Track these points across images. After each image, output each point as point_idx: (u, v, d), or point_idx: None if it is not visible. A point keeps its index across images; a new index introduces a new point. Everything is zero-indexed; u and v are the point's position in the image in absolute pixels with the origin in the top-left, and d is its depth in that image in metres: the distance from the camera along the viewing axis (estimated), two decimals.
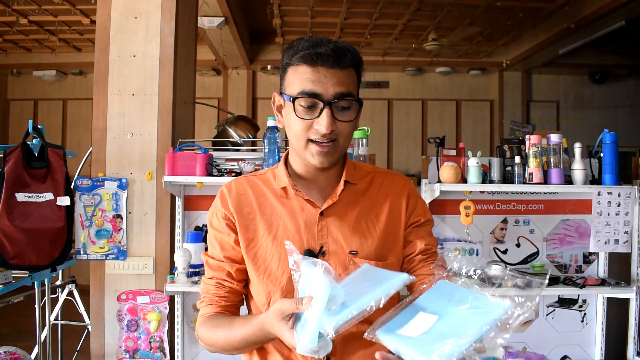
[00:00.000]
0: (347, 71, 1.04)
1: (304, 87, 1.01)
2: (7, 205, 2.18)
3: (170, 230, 2.63)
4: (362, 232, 1.10)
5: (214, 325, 1.10)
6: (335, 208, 1.11)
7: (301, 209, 1.11)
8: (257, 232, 1.11)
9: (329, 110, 1.01)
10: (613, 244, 2.49)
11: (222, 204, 1.14)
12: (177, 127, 2.70)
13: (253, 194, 1.14)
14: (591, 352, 2.73)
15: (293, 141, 1.08)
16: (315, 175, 1.13)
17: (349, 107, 1.04)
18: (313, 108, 1.02)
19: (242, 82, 7.25)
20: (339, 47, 1.02)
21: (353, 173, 1.15)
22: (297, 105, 1.03)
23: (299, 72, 1.03)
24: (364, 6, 5.36)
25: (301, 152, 1.08)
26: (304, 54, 1.02)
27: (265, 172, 1.19)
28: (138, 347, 2.57)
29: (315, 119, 1.02)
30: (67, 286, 3.19)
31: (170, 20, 2.67)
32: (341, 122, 1.04)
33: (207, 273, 1.18)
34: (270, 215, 1.12)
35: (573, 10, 5.16)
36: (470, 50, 6.65)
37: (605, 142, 2.49)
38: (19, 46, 6.59)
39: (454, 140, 7.04)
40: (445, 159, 2.50)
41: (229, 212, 1.13)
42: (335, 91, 1.01)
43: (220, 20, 4.96)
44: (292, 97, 1.03)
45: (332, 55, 1.01)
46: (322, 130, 1.01)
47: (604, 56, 6.87)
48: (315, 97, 1.01)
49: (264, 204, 1.13)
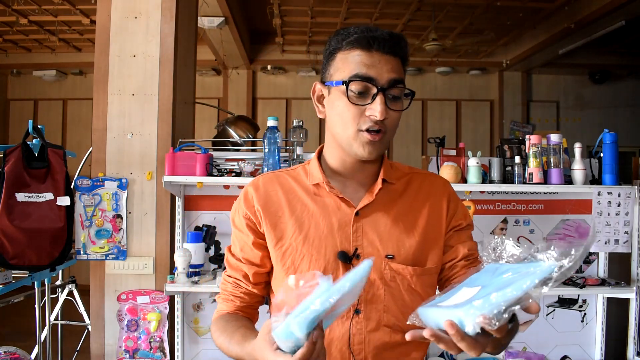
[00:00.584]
0: (399, 61, 0.99)
1: (358, 70, 0.96)
2: (7, 205, 2.18)
3: (170, 230, 2.63)
4: (400, 235, 1.04)
5: (220, 329, 1.06)
6: (371, 208, 1.05)
7: (336, 207, 1.05)
8: (286, 232, 1.05)
9: (383, 96, 0.96)
10: (613, 244, 2.49)
11: (245, 202, 1.09)
12: (177, 127, 2.70)
13: (282, 190, 1.09)
14: (591, 352, 2.73)
15: (339, 130, 1.00)
16: (353, 171, 1.07)
17: (399, 97, 1.00)
18: (365, 95, 0.97)
19: (242, 82, 7.25)
20: (394, 33, 0.98)
21: (391, 172, 1.10)
22: (349, 90, 0.96)
23: (352, 55, 0.97)
24: (364, 6, 5.36)
25: (348, 143, 1.00)
26: (359, 37, 0.97)
27: (296, 168, 1.13)
28: (138, 347, 2.57)
29: (367, 106, 0.96)
30: (67, 286, 3.19)
31: (170, 20, 2.67)
32: (393, 110, 0.98)
33: (227, 270, 1.15)
34: (301, 214, 1.05)
35: (573, 10, 5.16)
36: (470, 50, 6.65)
37: (605, 142, 2.49)
38: (19, 46, 6.59)
39: (454, 140, 7.04)
40: (445, 159, 2.50)
41: (252, 211, 1.08)
42: (390, 77, 0.96)
43: (220, 20, 4.96)
44: (344, 80, 0.96)
45: (389, 41, 0.96)
46: (375, 117, 0.95)
47: (604, 56, 6.87)
48: (369, 82, 0.95)
49: (293, 202, 1.07)
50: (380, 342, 0.99)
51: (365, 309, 1.01)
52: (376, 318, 1.01)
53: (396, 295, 1.02)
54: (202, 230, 2.64)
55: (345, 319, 1.01)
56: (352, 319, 1.01)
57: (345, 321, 1.01)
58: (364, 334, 1.00)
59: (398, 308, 1.01)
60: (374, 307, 1.01)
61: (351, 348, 1.00)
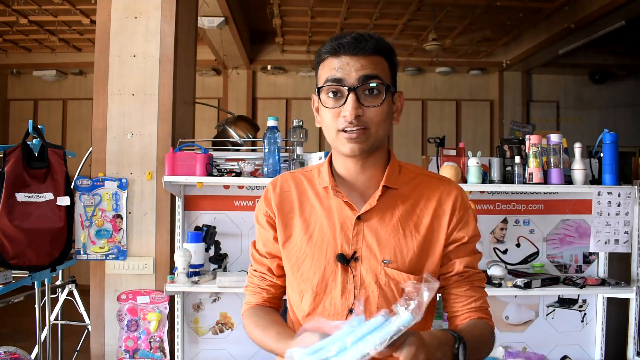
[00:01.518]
0: (373, 57, 1.02)
1: (328, 75, 1.02)
2: (7, 205, 2.18)
3: (170, 230, 2.63)
4: (399, 241, 1.06)
5: (253, 323, 1.13)
6: (373, 213, 1.07)
7: (340, 211, 1.08)
8: (294, 231, 1.11)
9: (354, 95, 1.00)
10: (613, 244, 2.49)
11: (265, 201, 1.16)
12: (177, 127, 2.70)
13: (296, 191, 1.14)
14: (591, 352, 2.73)
15: (327, 134, 1.07)
16: (355, 174, 1.10)
17: (377, 92, 1.02)
18: (339, 96, 1.02)
19: (242, 82, 7.25)
20: (361, 34, 1.03)
21: (396, 177, 1.10)
22: (324, 95, 1.03)
23: (325, 64, 1.05)
24: (364, 6, 5.36)
25: (334, 144, 1.06)
26: (328, 47, 1.04)
27: (312, 169, 1.17)
28: (138, 347, 2.57)
29: (341, 107, 1.01)
30: (67, 286, 3.19)
31: (170, 20, 2.67)
32: (369, 107, 1.01)
33: (253, 264, 1.21)
34: (309, 215, 1.11)
35: (573, 10, 5.16)
36: (470, 50, 6.65)
37: (605, 142, 2.49)
38: (19, 46, 6.58)
39: (454, 140, 7.04)
40: (445, 159, 2.50)
41: (271, 209, 1.14)
42: (359, 75, 1.00)
43: (220, 20, 4.96)
44: (318, 88, 1.04)
45: (353, 42, 1.01)
46: (347, 117, 0.99)
47: (604, 56, 6.87)
48: (338, 83, 1.01)
49: (304, 203, 1.12)
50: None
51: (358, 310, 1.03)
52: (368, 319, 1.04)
53: (389, 298, 1.05)
54: (202, 230, 2.64)
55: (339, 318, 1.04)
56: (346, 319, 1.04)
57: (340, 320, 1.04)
58: None
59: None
60: (367, 308, 1.04)
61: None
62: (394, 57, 1.07)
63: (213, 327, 2.66)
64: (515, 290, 2.39)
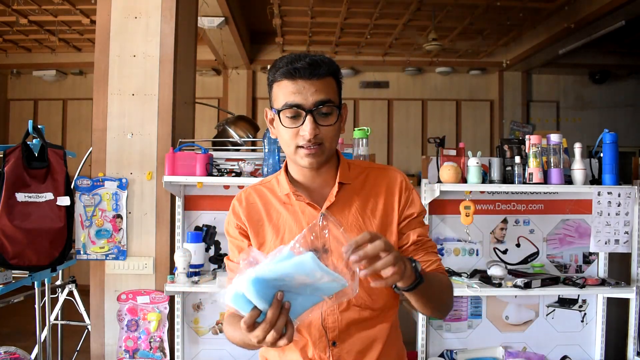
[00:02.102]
0: (325, 80, 1.14)
1: (287, 99, 1.12)
2: (7, 205, 2.18)
3: (170, 230, 2.63)
4: (360, 228, 1.19)
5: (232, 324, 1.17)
6: (333, 209, 1.20)
7: (302, 212, 1.21)
8: (266, 237, 1.22)
9: (311, 117, 1.12)
10: (613, 244, 2.49)
11: (234, 215, 1.27)
12: (177, 127, 2.70)
13: (261, 202, 1.26)
14: (591, 352, 2.73)
15: (284, 149, 1.19)
16: (312, 179, 1.23)
17: (330, 113, 1.14)
18: (297, 117, 1.13)
19: (242, 82, 7.25)
20: (314, 59, 1.13)
21: (347, 173, 1.25)
22: (283, 116, 1.14)
23: (282, 86, 1.14)
24: (364, 6, 5.36)
25: (292, 157, 1.18)
26: (284, 70, 1.13)
27: (270, 180, 1.30)
28: (138, 347, 2.57)
29: (300, 127, 1.13)
30: (67, 286, 3.19)
31: (170, 20, 2.67)
32: (324, 126, 1.14)
33: (229, 275, 1.26)
34: (277, 221, 1.22)
35: (573, 10, 5.16)
36: (470, 50, 6.65)
37: (605, 142, 2.49)
38: (19, 46, 6.58)
39: (454, 140, 7.04)
40: (445, 159, 2.50)
41: (241, 222, 1.24)
42: (315, 100, 1.12)
43: (220, 20, 4.96)
44: (278, 110, 1.14)
45: (308, 68, 1.11)
46: (306, 137, 1.12)
47: (604, 56, 6.87)
48: (297, 107, 1.12)
49: (270, 211, 1.24)
50: (350, 319, 1.17)
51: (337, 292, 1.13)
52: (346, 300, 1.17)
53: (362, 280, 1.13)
54: (202, 230, 2.64)
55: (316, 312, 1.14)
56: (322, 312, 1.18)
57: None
58: (337, 314, 1.17)
59: (364, 289, 1.16)
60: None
61: (324, 326, 1.17)
62: (340, 75, 1.20)
63: (213, 327, 2.66)
64: (515, 290, 2.40)
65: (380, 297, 1.20)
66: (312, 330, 1.18)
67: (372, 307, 1.18)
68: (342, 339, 1.18)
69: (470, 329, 2.71)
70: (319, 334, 1.18)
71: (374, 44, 6.53)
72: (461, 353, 2.64)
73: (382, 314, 1.21)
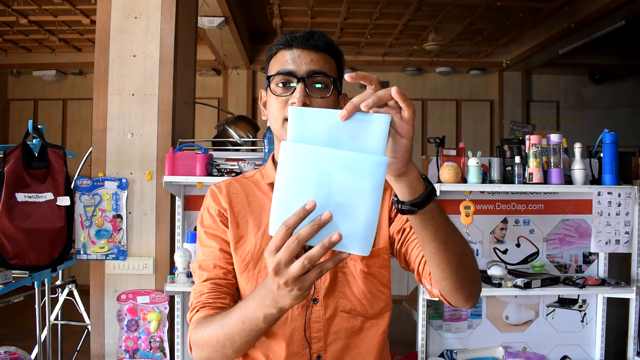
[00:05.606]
0: (322, 55, 1.06)
1: (280, 67, 1.05)
2: (7, 205, 2.18)
3: (170, 230, 2.63)
4: None
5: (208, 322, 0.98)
6: None
7: None
8: (247, 230, 1.11)
9: (302, 84, 1.02)
10: (614, 244, 2.49)
11: (214, 201, 1.14)
12: (177, 127, 2.70)
13: (243, 193, 1.15)
14: (591, 352, 2.73)
15: (272, 124, 1.09)
16: None
17: (324, 86, 1.05)
18: (288, 86, 1.05)
19: (242, 82, 7.24)
20: (314, 31, 1.08)
21: None
22: (274, 85, 1.06)
23: (278, 57, 1.07)
24: (364, 6, 5.36)
25: (279, 134, 1.07)
26: (282, 40, 1.07)
27: (254, 174, 1.21)
28: (138, 347, 2.57)
29: (289, 96, 1.04)
30: (67, 286, 3.19)
31: (170, 20, 2.67)
32: (315, 98, 1.04)
33: (200, 279, 1.09)
34: (260, 214, 1.12)
35: (573, 10, 5.16)
36: (470, 50, 6.65)
37: (605, 142, 2.49)
38: (19, 46, 6.58)
39: (454, 140, 7.04)
40: (445, 159, 2.50)
41: (222, 208, 1.12)
42: (309, 68, 1.04)
43: (220, 20, 4.96)
44: (269, 77, 1.07)
45: (305, 36, 1.05)
46: (296, 103, 1.01)
47: (604, 56, 6.86)
48: (289, 75, 1.04)
49: (253, 203, 1.13)
50: (338, 328, 1.06)
51: (323, 298, 1.07)
52: (333, 305, 1.07)
53: (351, 281, 1.08)
54: None
55: (302, 308, 1.05)
56: (310, 307, 1.06)
57: (302, 311, 1.05)
58: (323, 321, 1.05)
59: (354, 293, 1.07)
60: (330, 295, 1.07)
61: (307, 337, 1.04)
62: (342, 61, 1.12)
63: None
64: (515, 290, 2.40)
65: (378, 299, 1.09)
66: (293, 342, 1.04)
67: (365, 315, 1.06)
68: (329, 353, 1.05)
69: (470, 329, 2.71)
70: (301, 347, 1.04)
71: (373, 44, 6.53)
72: (461, 353, 2.64)
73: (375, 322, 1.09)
